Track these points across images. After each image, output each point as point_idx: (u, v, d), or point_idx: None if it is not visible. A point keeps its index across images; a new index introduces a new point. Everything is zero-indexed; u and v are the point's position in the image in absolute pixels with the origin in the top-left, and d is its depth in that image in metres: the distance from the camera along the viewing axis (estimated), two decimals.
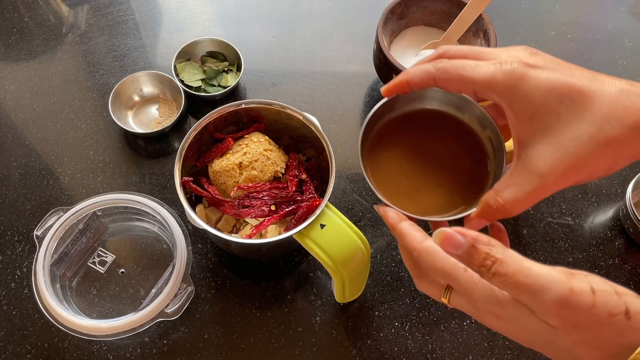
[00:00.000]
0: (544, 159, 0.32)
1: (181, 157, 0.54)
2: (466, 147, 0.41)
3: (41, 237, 0.56)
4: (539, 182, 0.32)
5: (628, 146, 0.31)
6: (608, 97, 0.31)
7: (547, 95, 0.31)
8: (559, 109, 0.31)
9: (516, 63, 0.32)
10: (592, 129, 0.30)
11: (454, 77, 0.34)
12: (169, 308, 0.54)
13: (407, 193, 0.41)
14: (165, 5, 0.84)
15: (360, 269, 0.53)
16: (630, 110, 0.30)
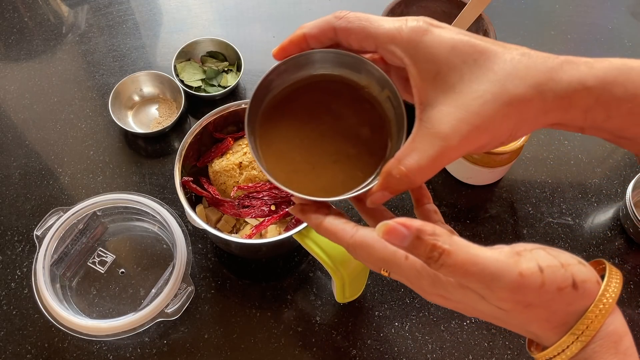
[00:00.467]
0: (447, 120, 0.30)
1: (181, 157, 0.54)
2: (365, 113, 0.38)
3: (41, 237, 0.56)
4: (442, 144, 0.30)
5: (530, 107, 0.30)
6: (510, 57, 0.30)
7: (450, 53, 0.30)
8: (462, 68, 0.30)
9: (422, 21, 0.31)
10: (494, 88, 0.30)
11: (357, 28, 0.32)
12: (169, 308, 0.54)
13: (304, 171, 0.37)
14: (165, 5, 0.84)
15: (360, 269, 0.53)
16: (531, 70, 0.30)
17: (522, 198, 0.68)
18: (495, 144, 0.32)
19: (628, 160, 0.71)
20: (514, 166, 0.69)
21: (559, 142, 0.72)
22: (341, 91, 0.38)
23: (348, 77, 0.37)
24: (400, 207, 0.66)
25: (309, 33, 0.33)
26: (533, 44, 0.78)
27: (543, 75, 0.30)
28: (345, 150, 0.37)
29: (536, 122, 0.31)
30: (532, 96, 0.30)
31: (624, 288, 0.61)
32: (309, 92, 0.38)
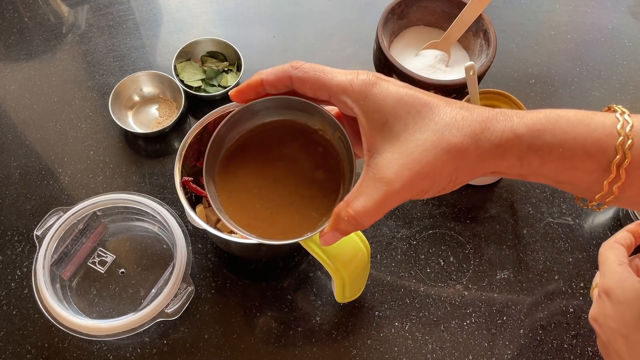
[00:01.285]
0: (391, 166, 0.33)
1: (181, 157, 0.54)
2: (318, 155, 0.40)
3: (41, 237, 0.56)
4: (386, 188, 0.32)
5: (467, 154, 0.33)
6: (450, 109, 0.33)
7: (396, 105, 0.33)
8: (407, 118, 0.33)
9: (371, 75, 0.34)
10: (434, 137, 0.32)
11: (312, 78, 0.34)
12: (169, 308, 0.54)
13: (262, 217, 0.39)
14: (165, 5, 0.84)
15: (360, 269, 0.53)
16: (468, 121, 0.32)
17: (522, 198, 0.68)
18: (436, 190, 0.34)
19: None
20: None
21: None
22: (295, 135, 0.40)
23: (301, 122, 0.39)
24: (400, 207, 0.66)
25: (266, 79, 0.35)
26: (533, 44, 0.79)
27: (478, 125, 0.32)
28: (299, 193, 0.39)
29: (474, 170, 0.34)
30: (468, 144, 0.32)
31: None
32: (264, 139, 0.40)
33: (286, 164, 0.40)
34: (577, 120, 0.32)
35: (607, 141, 0.31)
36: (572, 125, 0.32)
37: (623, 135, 0.31)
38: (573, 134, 0.32)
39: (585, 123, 0.32)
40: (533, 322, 0.59)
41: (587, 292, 0.61)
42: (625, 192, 0.32)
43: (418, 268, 0.62)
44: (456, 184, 0.35)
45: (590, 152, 0.32)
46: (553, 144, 0.32)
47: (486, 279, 0.62)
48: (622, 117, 0.32)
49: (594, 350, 0.58)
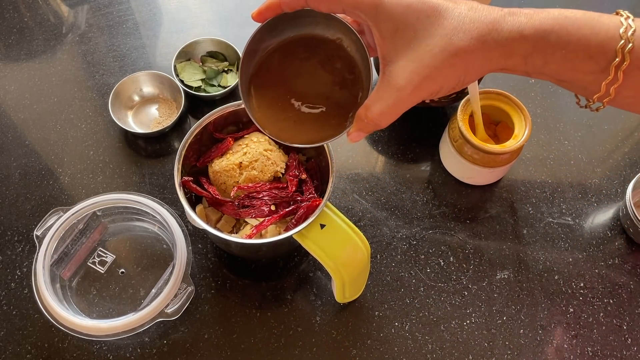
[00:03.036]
0: (402, 73, 0.35)
1: (181, 157, 0.54)
2: (337, 72, 0.43)
3: (41, 237, 0.56)
4: (398, 94, 0.36)
5: (474, 56, 0.34)
6: (458, 12, 0.34)
7: (405, 12, 0.35)
8: (416, 25, 0.35)
9: None
10: (442, 42, 0.34)
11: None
12: (169, 308, 0.54)
13: (288, 127, 0.44)
14: (165, 5, 0.84)
15: (360, 269, 0.53)
16: (476, 23, 0.34)
17: (522, 198, 0.68)
18: (446, 90, 0.37)
19: (628, 160, 0.71)
20: (514, 166, 0.69)
21: (559, 142, 0.72)
22: (315, 50, 0.43)
23: (320, 34, 0.42)
24: (400, 207, 0.66)
25: (283, 0, 0.38)
26: None
27: (486, 27, 0.34)
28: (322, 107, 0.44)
29: (482, 69, 0.35)
30: (475, 47, 0.34)
31: (624, 288, 0.61)
32: (286, 57, 0.43)
33: (307, 80, 0.44)
34: (582, 22, 0.33)
35: (609, 44, 0.33)
36: (578, 27, 0.33)
37: (625, 39, 0.32)
38: (577, 36, 0.33)
39: (590, 25, 0.33)
40: (533, 322, 0.59)
41: (587, 292, 0.61)
42: (621, 94, 0.34)
43: (418, 268, 0.62)
44: (465, 83, 0.36)
45: (591, 53, 0.33)
46: (557, 45, 0.33)
47: (486, 279, 0.62)
48: (626, 22, 0.33)
49: (594, 350, 0.58)
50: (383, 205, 0.66)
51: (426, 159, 0.70)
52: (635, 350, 0.58)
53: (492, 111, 0.67)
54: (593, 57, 0.33)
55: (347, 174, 0.69)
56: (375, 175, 0.69)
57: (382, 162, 0.70)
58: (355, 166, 0.69)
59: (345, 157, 0.70)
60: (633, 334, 0.59)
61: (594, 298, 0.61)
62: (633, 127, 0.75)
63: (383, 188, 0.68)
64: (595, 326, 0.59)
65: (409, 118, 0.72)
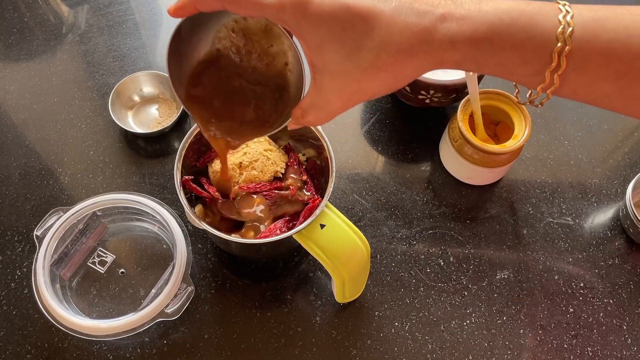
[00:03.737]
0: (332, 87, 0.35)
1: (181, 157, 0.54)
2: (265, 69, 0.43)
3: (41, 237, 0.56)
4: (330, 106, 0.36)
5: (404, 67, 0.33)
6: (387, 20, 0.32)
7: (330, 24, 0.32)
8: (342, 36, 0.32)
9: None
10: (371, 56, 0.32)
11: (243, 8, 0.34)
12: (169, 308, 0.54)
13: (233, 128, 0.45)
14: (165, 5, 0.84)
15: (360, 268, 0.53)
16: (405, 34, 0.32)
17: (522, 198, 0.68)
18: (376, 96, 0.36)
19: (628, 160, 0.71)
20: (514, 166, 0.69)
21: (559, 142, 0.72)
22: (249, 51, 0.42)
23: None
24: (400, 207, 0.66)
25: (198, 3, 0.37)
26: None
27: (415, 38, 0.32)
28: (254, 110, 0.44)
29: (413, 76, 0.34)
30: (404, 60, 0.33)
31: (624, 288, 0.61)
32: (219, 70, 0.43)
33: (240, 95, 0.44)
34: (518, 28, 0.31)
35: (544, 48, 0.31)
36: (512, 32, 0.31)
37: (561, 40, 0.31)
38: (511, 42, 0.32)
39: (526, 30, 0.31)
40: (533, 322, 0.59)
41: (587, 292, 0.61)
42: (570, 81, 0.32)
43: (418, 268, 0.62)
44: (396, 89, 0.35)
45: (526, 59, 0.32)
46: (489, 53, 0.32)
47: (486, 279, 0.62)
48: (563, 20, 0.31)
49: (594, 350, 0.58)
50: (383, 205, 0.66)
51: (426, 159, 0.70)
52: (635, 350, 0.58)
53: (492, 111, 0.67)
54: (528, 63, 0.32)
55: (347, 174, 0.69)
56: (375, 175, 0.69)
57: (382, 162, 0.70)
58: (355, 166, 0.69)
59: (345, 157, 0.70)
60: (633, 334, 0.59)
61: (594, 298, 0.61)
62: (633, 127, 0.75)
63: (383, 188, 0.68)
64: (595, 326, 0.59)
65: (409, 118, 0.72)
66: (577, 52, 0.31)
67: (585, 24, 0.31)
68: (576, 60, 0.31)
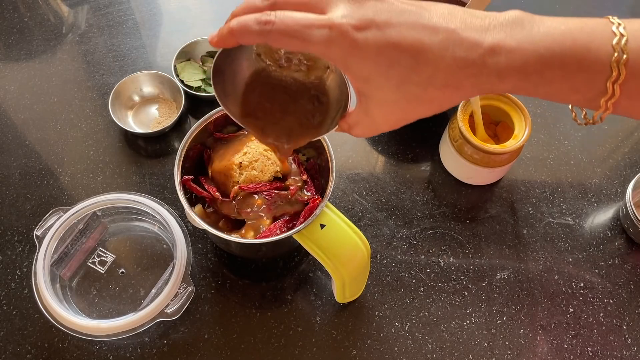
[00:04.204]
0: (379, 112, 0.36)
1: (181, 157, 0.54)
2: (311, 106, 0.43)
3: (41, 237, 0.56)
4: (376, 127, 0.37)
5: (452, 97, 0.33)
6: (433, 56, 0.31)
7: (376, 61, 0.32)
8: (389, 72, 0.32)
9: (345, 27, 0.32)
10: (418, 90, 0.33)
11: (287, 44, 0.33)
12: (169, 308, 0.54)
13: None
14: (165, 5, 0.84)
15: (360, 269, 0.53)
16: (453, 69, 0.31)
17: (522, 198, 0.68)
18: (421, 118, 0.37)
19: (628, 160, 0.71)
20: (514, 166, 0.69)
21: (559, 142, 0.72)
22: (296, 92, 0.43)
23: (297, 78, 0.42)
24: (400, 207, 0.66)
25: (239, 39, 0.35)
26: None
27: (463, 74, 0.32)
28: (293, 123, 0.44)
29: (458, 102, 0.35)
30: (451, 92, 0.33)
31: (624, 288, 0.61)
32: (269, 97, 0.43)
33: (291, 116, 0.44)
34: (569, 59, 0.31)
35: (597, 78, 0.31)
36: (563, 64, 0.31)
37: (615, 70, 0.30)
38: (562, 74, 0.31)
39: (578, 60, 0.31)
40: (533, 322, 0.59)
41: (587, 292, 0.61)
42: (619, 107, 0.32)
43: (418, 268, 0.62)
44: (443, 110, 0.35)
45: (577, 89, 0.32)
46: (539, 84, 0.32)
47: (486, 279, 0.62)
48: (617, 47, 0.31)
49: (594, 350, 0.58)
50: (383, 205, 0.66)
51: (426, 159, 0.70)
52: (635, 350, 0.58)
53: (492, 111, 0.67)
54: (580, 92, 0.32)
55: (347, 174, 0.69)
56: (375, 175, 0.69)
57: (382, 162, 0.70)
58: (355, 166, 0.69)
59: (345, 157, 0.70)
60: (633, 334, 0.59)
61: (594, 298, 0.61)
62: (633, 127, 0.75)
63: (383, 188, 0.68)
64: (595, 326, 0.59)
65: None
66: (630, 80, 0.31)
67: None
68: (630, 87, 0.31)
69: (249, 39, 0.34)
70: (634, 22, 0.32)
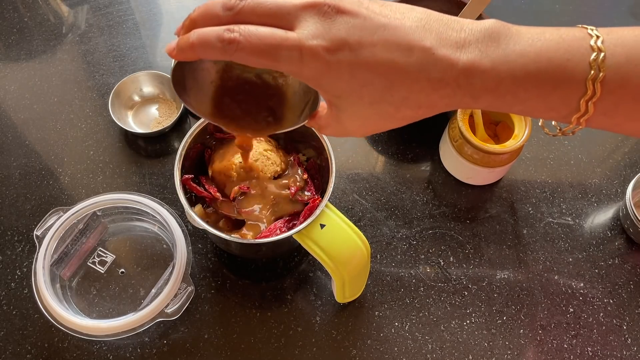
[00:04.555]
0: (350, 124, 0.35)
1: (181, 157, 0.54)
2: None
3: (41, 237, 0.56)
4: (348, 134, 0.37)
5: (426, 114, 0.33)
6: (407, 78, 0.31)
7: (349, 82, 0.31)
8: (362, 91, 0.32)
9: (317, 50, 0.30)
10: (391, 109, 0.33)
11: (253, 63, 0.31)
12: (169, 308, 0.54)
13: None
14: (165, 5, 0.84)
15: (360, 268, 0.53)
16: (427, 91, 0.31)
17: (522, 198, 0.68)
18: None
19: (628, 160, 0.71)
20: (514, 166, 0.69)
21: (559, 142, 0.72)
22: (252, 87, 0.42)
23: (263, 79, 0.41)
24: (400, 207, 0.66)
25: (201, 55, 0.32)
26: None
27: (437, 95, 0.31)
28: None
29: (432, 113, 0.34)
30: (425, 111, 0.33)
31: (624, 288, 0.61)
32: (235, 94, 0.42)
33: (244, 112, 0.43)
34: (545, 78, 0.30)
35: (572, 96, 0.30)
36: (539, 83, 0.30)
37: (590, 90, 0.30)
38: (537, 93, 0.31)
39: (554, 80, 0.30)
40: (533, 322, 0.59)
41: (587, 292, 0.61)
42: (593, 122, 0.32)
43: (418, 268, 0.62)
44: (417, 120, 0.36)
45: (552, 107, 0.32)
46: (513, 103, 0.32)
47: (486, 279, 0.62)
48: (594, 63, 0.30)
49: (594, 350, 0.58)
50: (383, 205, 0.66)
51: (426, 159, 0.70)
52: (635, 350, 0.58)
53: (492, 111, 0.67)
54: (554, 109, 0.32)
55: (347, 174, 0.69)
56: (375, 175, 0.69)
57: (382, 162, 0.70)
58: (355, 166, 0.69)
59: (345, 157, 0.70)
60: (633, 334, 0.59)
61: (594, 298, 0.61)
62: None
63: (383, 188, 0.68)
64: (595, 326, 0.59)
65: None
66: (606, 97, 0.30)
67: (618, 66, 0.29)
68: (605, 104, 0.30)
69: (211, 55, 0.32)
70: (613, 33, 0.31)
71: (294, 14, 0.31)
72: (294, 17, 0.31)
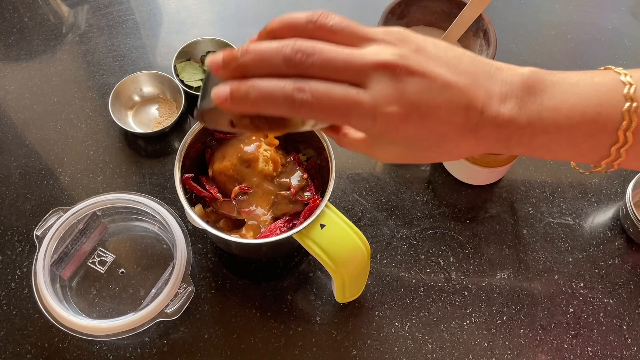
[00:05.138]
0: (378, 152, 0.35)
1: (181, 157, 0.54)
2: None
3: (41, 237, 0.56)
4: (371, 155, 0.37)
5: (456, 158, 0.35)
6: (455, 138, 0.32)
7: (405, 136, 0.32)
8: (413, 142, 0.33)
9: (390, 118, 0.30)
10: (432, 155, 0.34)
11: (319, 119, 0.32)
12: (169, 308, 0.54)
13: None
14: (165, 6, 0.84)
15: (360, 269, 0.53)
16: (470, 149, 0.33)
17: (522, 198, 0.68)
18: None
19: None
20: (514, 166, 0.69)
21: None
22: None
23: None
24: (400, 207, 0.66)
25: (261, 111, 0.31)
26: (533, 43, 0.79)
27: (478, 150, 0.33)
28: None
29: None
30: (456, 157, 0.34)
31: (624, 288, 0.61)
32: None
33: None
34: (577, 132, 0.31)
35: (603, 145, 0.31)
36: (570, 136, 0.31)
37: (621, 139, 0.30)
38: (568, 145, 0.32)
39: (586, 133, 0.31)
40: (533, 322, 0.59)
41: (587, 292, 0.61)
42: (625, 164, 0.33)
43: (418, 268, 0.62)
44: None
45: (583, 154, 0.32)
46: (545, 154, 0.33)
47: (486, 279, 0.62)
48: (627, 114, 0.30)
49: (594, 350, 0.58)
50: (383, 205, 0.66)
51: None
52: (635, 350, 0.58)
53: None
54: (585, 156, 0.32)
55: (347, 174, 0.69)
56: (375, 175, 0.69)
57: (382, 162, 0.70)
58: (355, 166, 0.69)
59: (345, 157, 0.70)
60: (633, 334, 0.59)
61: (594, 298, 0.61)
62: None
63: (383, 188, 0.68)
64: (595, 326, 0.59)
65: None
66: (638, 145, 0.31)
67: None
68: (636, 151, 0.31)
69: (273, 112, 0.30)
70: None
71: (365, 72, 0.30)
72: (365, 76, 0.30)
